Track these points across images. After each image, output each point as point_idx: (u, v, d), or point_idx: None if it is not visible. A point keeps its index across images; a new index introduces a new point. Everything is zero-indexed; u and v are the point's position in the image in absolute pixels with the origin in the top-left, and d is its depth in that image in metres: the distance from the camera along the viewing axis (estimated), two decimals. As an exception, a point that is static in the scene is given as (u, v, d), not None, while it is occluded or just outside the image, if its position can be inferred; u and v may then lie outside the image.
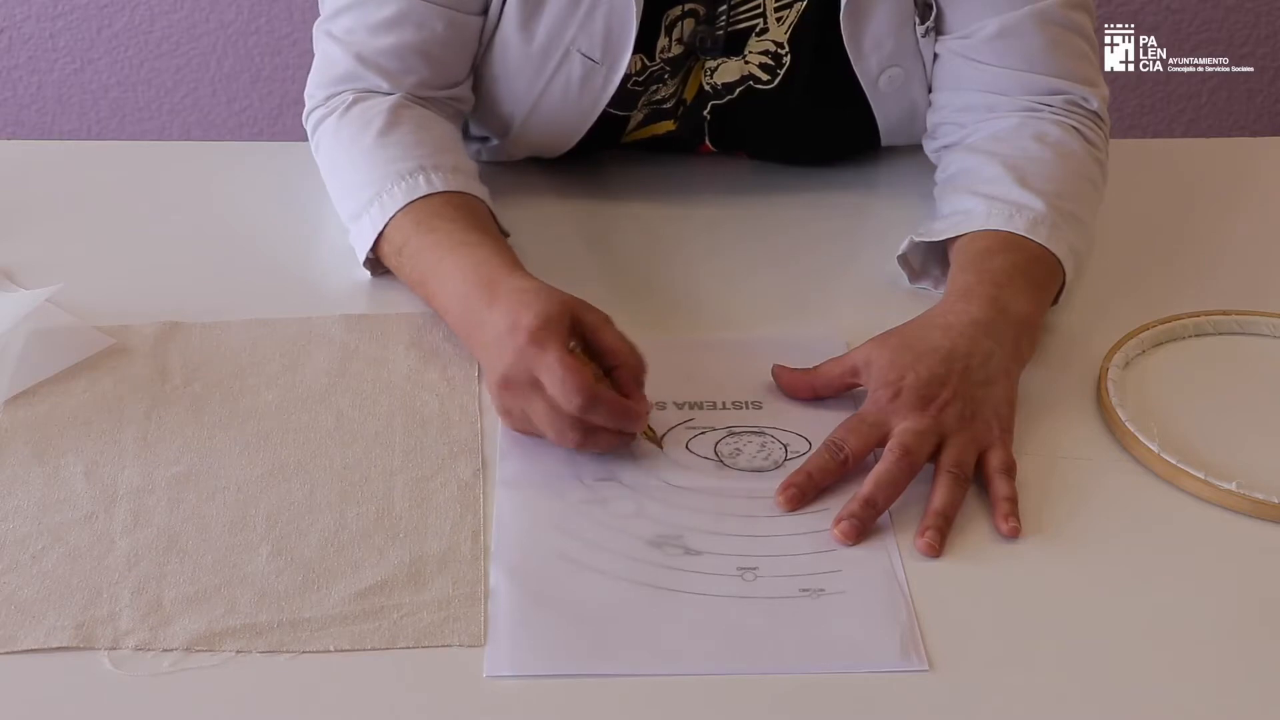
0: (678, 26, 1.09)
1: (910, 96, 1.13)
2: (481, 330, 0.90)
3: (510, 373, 0.86)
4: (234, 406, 0.93)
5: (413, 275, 0.99)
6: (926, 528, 0.83)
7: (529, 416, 0.87)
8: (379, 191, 1.01)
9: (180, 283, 1.06)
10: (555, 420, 0.86)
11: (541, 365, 0.85)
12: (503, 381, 0.87)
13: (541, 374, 0.85)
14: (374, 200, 1.01)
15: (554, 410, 0.85)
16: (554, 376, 0.85)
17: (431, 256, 0.97)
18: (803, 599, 0.80)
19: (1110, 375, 0.95)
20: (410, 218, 0.99)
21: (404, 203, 0.99)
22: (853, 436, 0.87)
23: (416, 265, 0.98)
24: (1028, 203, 1.00)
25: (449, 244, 0.97)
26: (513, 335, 0.86)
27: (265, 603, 0.79)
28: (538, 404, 0.86)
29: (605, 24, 1.06)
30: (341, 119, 1.05)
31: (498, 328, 0.88)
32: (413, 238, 0.99)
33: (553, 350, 0.85)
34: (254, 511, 0.85)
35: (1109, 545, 0.84)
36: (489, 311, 0.90)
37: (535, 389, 0.86)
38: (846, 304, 1.05)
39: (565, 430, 0.86)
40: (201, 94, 2.13)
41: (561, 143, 1.15)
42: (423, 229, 0.98)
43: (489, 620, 0.78)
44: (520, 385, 0.86)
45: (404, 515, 0.85)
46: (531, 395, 0.86)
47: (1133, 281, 1.08)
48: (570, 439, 0.87)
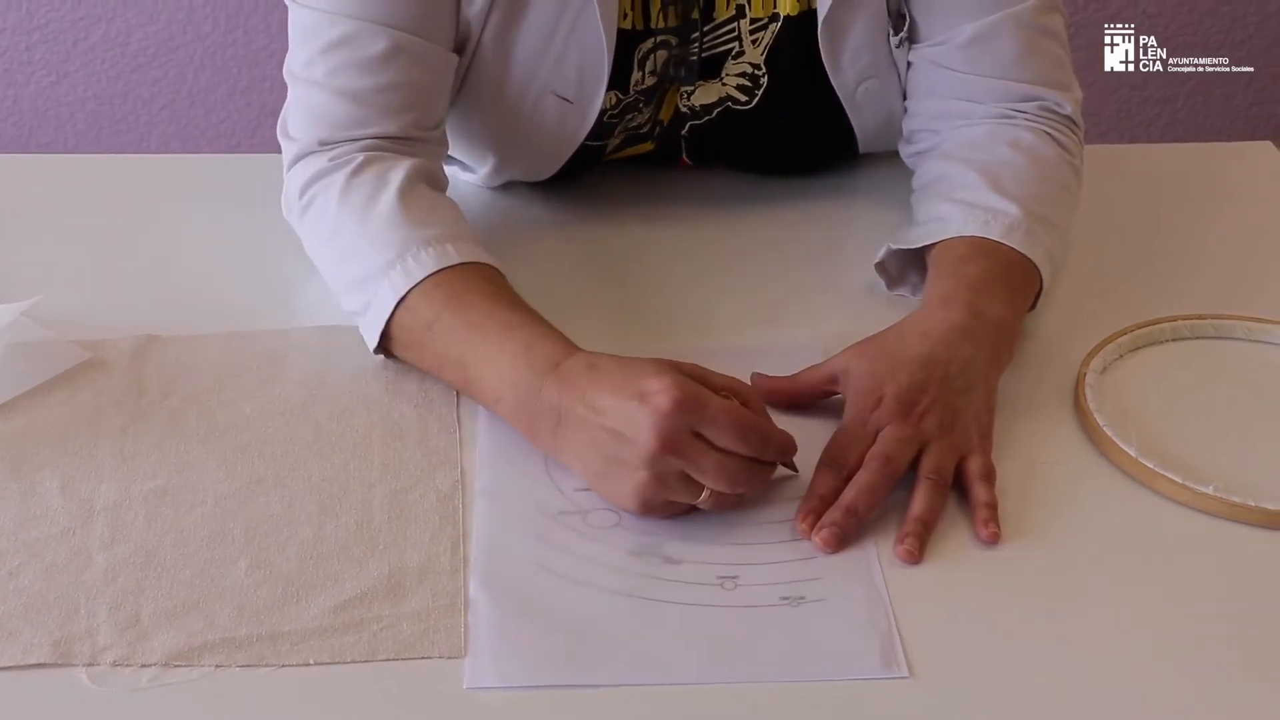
0: (650, 59, 1.09)
1: (887, 105, 1.13)
2: (568, 416, 0.85)
3: (668, 438, 0.80)
4: (211, 420, 0.93)
5: (446, 355, 0.91)
6: (906, 534, 0.83)
7: (681, 485, 0.82)
8: (400, 254, 0.93)
9: (157, 296, 1.06)
10: (728, 469, 0.82)
11: (704, 416, 0.81)
12: (660, 449, 0.80)
13: (706, 424, 0.81)
14: (394, 264, 0.93)
15: (726, 459, 0.82)
16: (726, 421, 0.81)
17: (474, 337, 0.90)
18: (783, 607, 0.80)
19: (1088, 380, 0.96)
20: (441, 290, 0.92)
21: (433, 269, 0.92)
22: (850, 451, 0.87)
23: (452, 345, 0.91)
24: (1003, 208, 1.00)
25: (492, 324, 0.90)
26: (649, 402, 0.81)
27: (244, 616, 0.78)
28: (706, 459, 0.81)
29: (578, 65, 1.05)
30: (352, 179, 0.98)
31: (610, 406, 0.82)
32: (445, 312, 0.91)
33: (711, 398, 0.82)
34: (232, 525, 0.85)
35: (1088, 550, 0.84)
36: (579, 395, 0.84)
37: (696, 446, 0.81)
38: (825, 311, 1.05)
39: (739, 476, 0.82)
40: (179, 106, 2.13)
41: (539, 173, 1.15)
42: (456, 304, 0.91)
43: (469, 632, 0.78)
44: (681, 446, 0.81)
45: (383, 527, 0.85)
46: (695, 453, 0.81)
47: (1109, 286, 1.08)
48: (745, 482, 0.83)
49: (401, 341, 0.95)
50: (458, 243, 0.95)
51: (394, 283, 0.94)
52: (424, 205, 0.98)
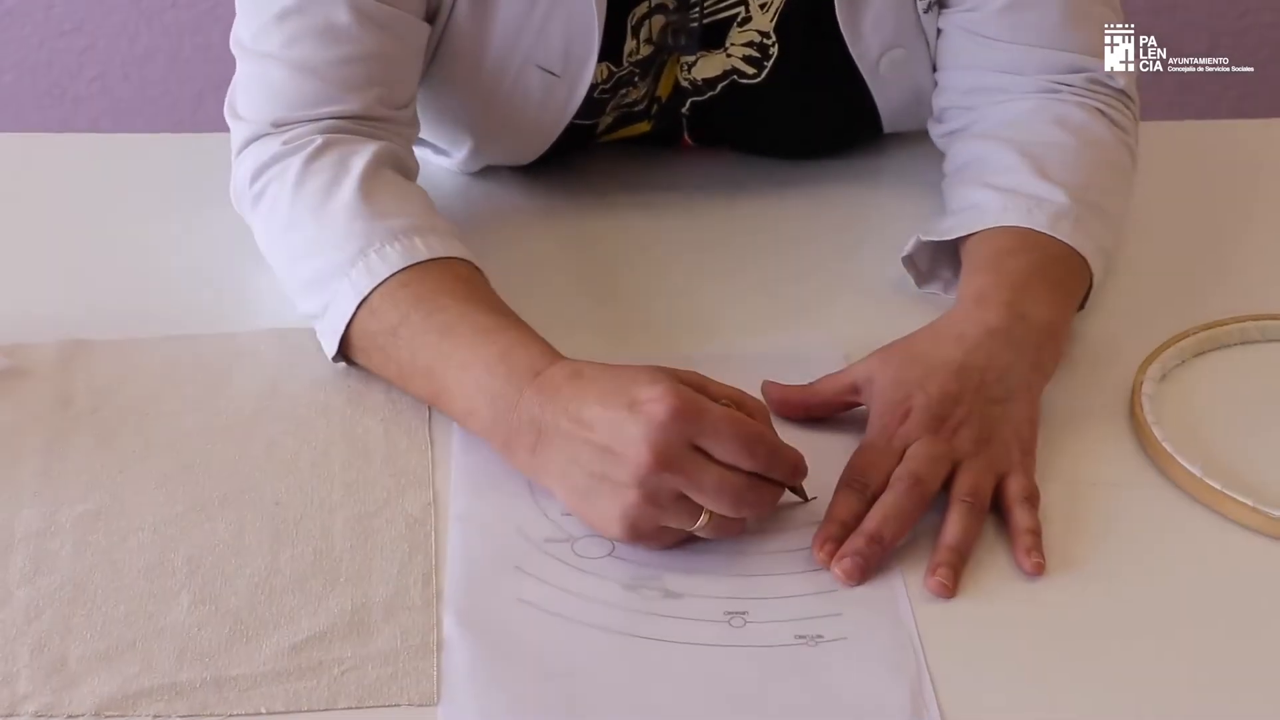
0: (645, 25, 1.09)
1: (914, 79, 1.14)
2: (549, 430, 0.85)
3: (662, 451, 0.80)
4: (149, 435, 0.93)
5: (413, 363, 0.92)
6: (939, 565, 0.84)
7: (676, 507, 0.82)
8: (363, 248, 0.94)
9: (86, 295, 1.06)
10: (730, 488, 0.81)
11: (704, 427, 0.81)
12: (653, 464, 0.80)
13: (707, 435, 0.81)
14: (356, 260, 0.94)
15: (728, 476, 0.81)
16: (729, 432, 0.81)
17: (445, 343, 0.90)
18: (799, 647, 0.80)
19: (1145, 389, 0.96)
20: (409, 290, 0.93)
21: (400, 266, 0.93)
22: (873, 470, 0.88)
23: (421, 351, 0.91)
24: (1048, 195, 1.01)
25: (466, 327, 0.90)
26: (641, 412, 0.81)
27: (186, 659, 0.79)
28: (706, 475, 0.81)
29: (564, 34, 1.06)
30: (309, 165, 0.99)
31: (597, 418, 0.82)
32: (413, 314, 0.92)
33: (712, 407, 0.81)
34: (173, 555, 0.85)
35: (1146, 583, 0.84)
36: (562, 406, 0.84)
37: (695, 461, 0.81)
38: (845, 312, 1.06)
39: (743, 496, 0.82)
40: (111, 79, 2.13)
41: (522, 157, 1.16)
42: (425, 305, 0.92)
43: (442, 676, 0.78)
44: (677, 461, 0.80)
45: (345, 557, 0.85)
46: (694, 468, 0.81)
47: (1170, 282, 1.09)
48: (750, 504, 0.82)
49: (364, 348, 0.95)
50: (428, 236, 0.96)
51: (355, 281, 0.94)
52: (390, 194, 0.99)
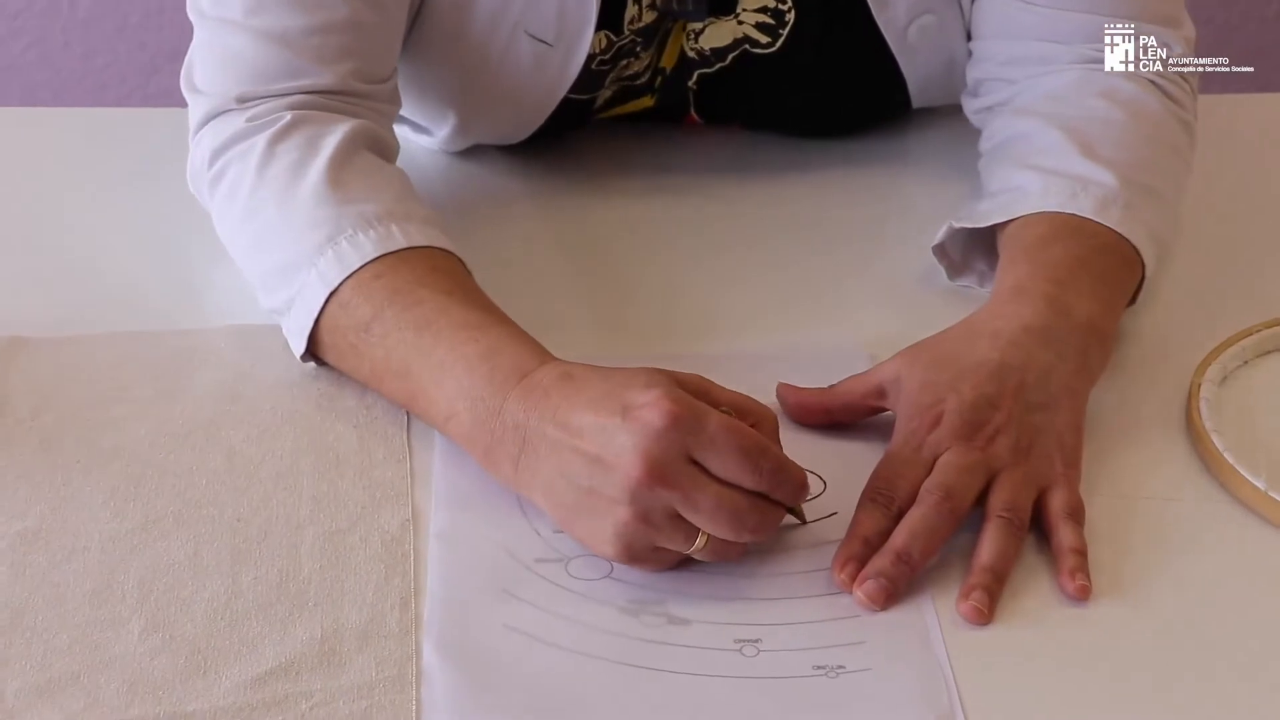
0: None
1: (946, 47, 1.14)
2: (535, 438, 0.85)
3: (656, 464, 0.79)
4: (95, 444, 0.93)
5: (387, 362, 0.92)
6: (973, 587, 0.84)
7: (670, 526, 0.82)
8: (332, 236, 0.94)
9: (24, 287, 1.07)
10: (729, 508, 0.81)
11: (703, 437, 0.80)
12: (646, 478, 0.80)
13: (705, 447, 0.80)
14: (324, 249, 0.94)
15: (727, 494, 0.81)
16: (729, 444, 0.80)
17: (423, 340, 0.90)
18: (818, 678, 0.80)
19: (1204, 393, 0.96)
20: (383, 282, 0.93)
21: (373, 256, 0.94)
22: (900, 482, 0.87)
23: (396, 349, 0.91)
24: (1095, 176, 1.01)
25: (446, 323, 0.90)
26: (635, 419, 0.80)
27: (137, 692, 0.79)
28: (703, 494, 0.80)
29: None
30: (276, 144, 0.99)
31: (588, 425, 0.82)
32: (388, 309, 0.92)
33: (712, 414, 0.81)
34: (122, 577, 0.85)
35: (1204, 608, 0.84)
36: (550, 412, 0.84)
37: (692, 476, 0.80)
38: (869, 307, 1.06)
39: (744, 518, 0.81)
40: (50, 46, 2.13)
41: (512, 135, 1.16)
42: (401, 299, 0.92)
43: (422, 711, 0.78)
44: (673, 476, 0.80)
45: (313, 579, 0.85)
46: (690, 484, 0.80)
47: (1231, 274, 1.09)
48: (751, 526, 0.82)
49: (334, 345, 0.95)
50: (405, 223, 0.96)
51: (324, 272, 0.94)
52: (365, 178, 0.98)
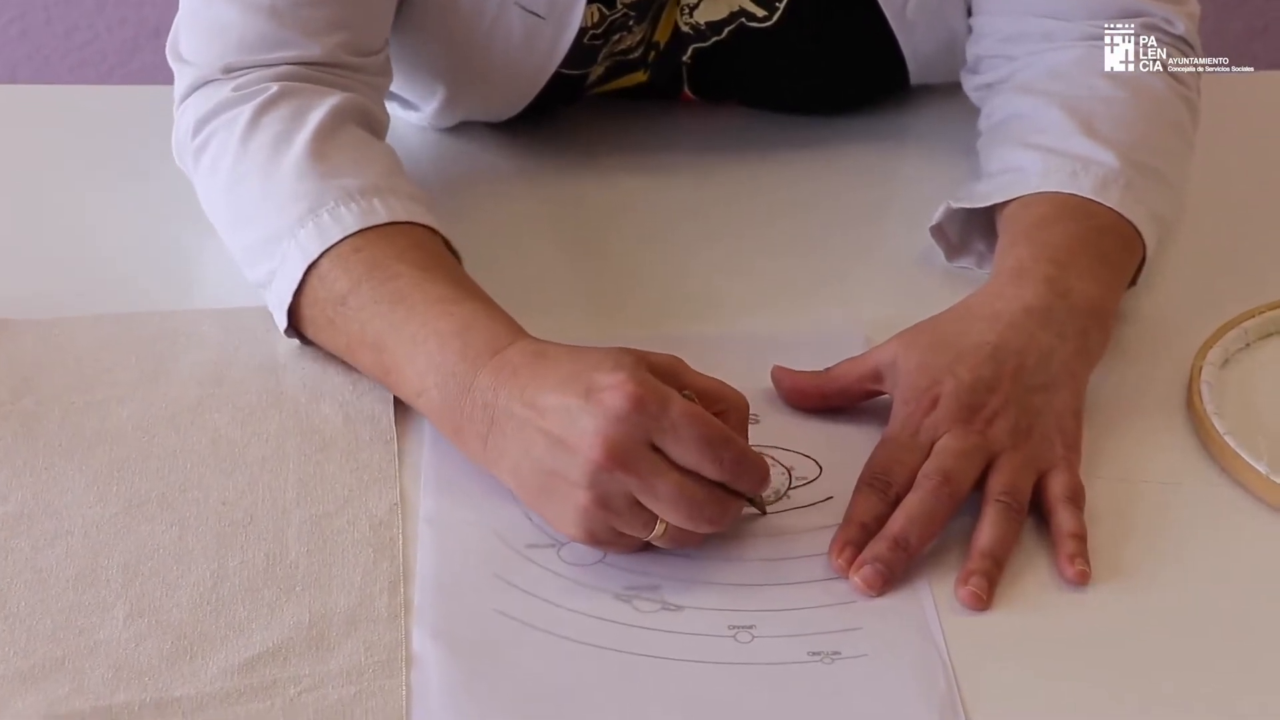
0: None
1: (946, 24, 1.14)
2: (503, 416, 0.85)
3: (614, 448, 0.79)
4: (78, 427, 0.93)
5: (361, 335, 0.92)
6: (971, 573, 0.84)
7: (630, 512, 0.82)
8: (313, 208, 0.95)
9: (3, 268, 1.06)
10: (687, 497, 0.81)
11: (664, 424, 0.80)
12: (604, 462, 0.80)
13: (665, 433, 0.80)
14: (305, 221, 0.94)
15: (686, 483, 0.81)
16: (689, 431, 0.80)
17: (397, 313, 0.90)
18: (813, 664, 0.80)
19: (1205, 375, 0.96)
20: (363, 255, 0.93)
21: (354, 229, 0.94)
22: (897, 467, 0.88)
23: (370, 323, 0.91)
24: (1095, 156, 1.01)
25: (421, 297, 0.90)
26: (597, 401, 0.80)
27: (123, 678, 0.79)
28: (662, 481, 0.80)
29: None
30: (261, 115, 0.99)
31: (552, 405, 0.82)
32: (365, 283, 0.92)
33: (676, 400, 0.81)
34: (106, 562, 0.85)
35: (1204, 592, 0.85)
36: (518, 389, 0.84)
37: (651, 462, 0.80)
38: (865, 288, 1.06)
39: (702, 508, 0.81)
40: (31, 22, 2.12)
41: (502, 111, 1.16)
42: (379, 273, 0.92)
43: (411, 696, 0.78)
44: (631, 461, 0.80)
45: (300, 563, 0.85)
46: (649, 470, 0.80)
47: (1233, 256, 1.09)
48: (709, 517, 0.82)
49: (314, 319, 0.95)
50: (388, 197, 0.96)
51: (304, 244, 0.94)
52: (349, 151, 0.99)
